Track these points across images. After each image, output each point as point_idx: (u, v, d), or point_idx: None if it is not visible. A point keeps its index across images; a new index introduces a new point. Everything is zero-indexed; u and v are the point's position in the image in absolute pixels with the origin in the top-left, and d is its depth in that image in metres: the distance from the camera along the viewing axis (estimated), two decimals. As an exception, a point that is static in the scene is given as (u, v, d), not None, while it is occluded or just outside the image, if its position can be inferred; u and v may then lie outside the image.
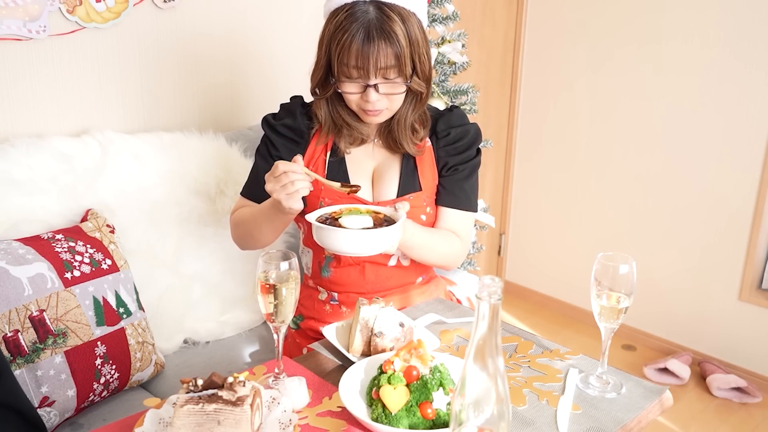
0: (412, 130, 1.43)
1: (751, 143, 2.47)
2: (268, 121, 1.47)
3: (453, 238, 1.45)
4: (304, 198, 1.42)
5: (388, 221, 1.22)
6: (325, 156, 1.44)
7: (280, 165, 1.19)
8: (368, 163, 1.46)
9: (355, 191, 1.25)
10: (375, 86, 1.30)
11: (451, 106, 1.51)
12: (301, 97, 1.49)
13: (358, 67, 1.28)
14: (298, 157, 1.22)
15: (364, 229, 1.17)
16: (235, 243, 1.48)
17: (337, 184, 1.25)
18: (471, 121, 1.51)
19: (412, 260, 1.47)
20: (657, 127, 2.71)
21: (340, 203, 1.38)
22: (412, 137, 1.42)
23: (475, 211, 1.49)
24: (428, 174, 1.45)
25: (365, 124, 1.42)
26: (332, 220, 1.19)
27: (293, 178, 1.18)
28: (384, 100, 1.33)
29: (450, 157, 1.45)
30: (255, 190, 1.43)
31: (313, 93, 1.41)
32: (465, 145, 1.46)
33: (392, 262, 1.46)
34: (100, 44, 1.72)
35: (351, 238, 1.16)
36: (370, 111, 1.34)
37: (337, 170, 1.43)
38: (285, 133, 1.44)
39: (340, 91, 1.34)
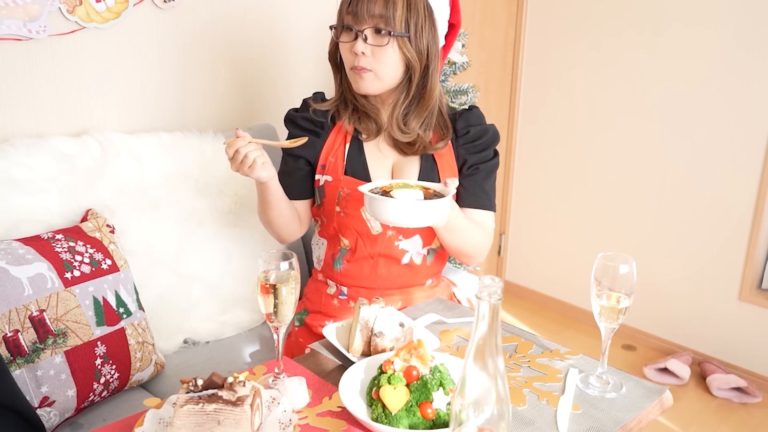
0: (404, 123, 1.42)
1: (752, 143, 2.47)
2: (290, 116, 1.50)
3: (483, 229, 1.47)
4: (319, 188, 1.45)
5: (438, 196, 1.23)
6: (344, 147, 1.45)
7: (228, 148, 1.26)
8: (387, 159, 1.46)
9: (302, 143, 1.36)
10: (363, 34, 1.33)
11: (470, 105, 1.52)
12: (322, 93, 1.52)
13: (352, 12, 1.33)
14: (238, 131, 1.27)
15: (416, 200, 1.19)
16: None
17: (285, 143, 1.36)
18: None
19: (423, 260, 1.48)
20: (658, 127, 2.71)
21: (353, 191, 1.40)
22: (404, 128, 1.42)
23: (495, 210, 1.51)
24: (448, 171, 1.45)
25: (370, 103, 1.42)
26: (383, 194, 1.21)
27: (244, 152, 1.26)
28: (370, 58, 1.34)
29: (469, 155, 1.46)
30: (283, 184, 1.45)
31: (330, 57, 1.46)
32: (484, 144, 1.47)
33: (405, 259, 1.46)
34: (100, 44, 1.72)
35: (403, 208, 1.18)
36: (356, 68, 1.36)
37: (357, 161, 1.44)
38: (305, 125, 1.46)
39: (336, 41, 1.39)
